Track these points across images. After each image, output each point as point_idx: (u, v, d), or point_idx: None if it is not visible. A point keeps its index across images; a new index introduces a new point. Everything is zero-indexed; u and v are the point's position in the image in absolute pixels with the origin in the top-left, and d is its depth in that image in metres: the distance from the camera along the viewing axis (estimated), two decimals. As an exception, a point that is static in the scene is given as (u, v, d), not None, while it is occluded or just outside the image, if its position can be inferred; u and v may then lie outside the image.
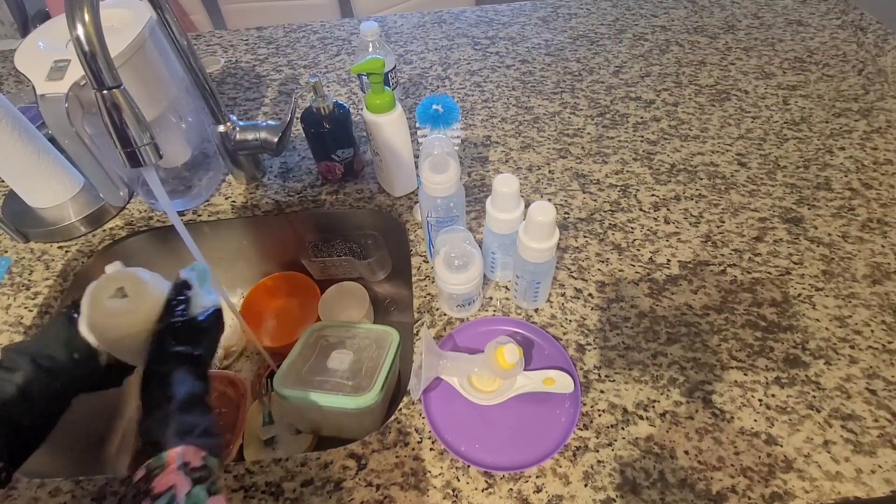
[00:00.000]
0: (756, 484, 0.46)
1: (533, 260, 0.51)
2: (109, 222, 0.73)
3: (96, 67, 0.41)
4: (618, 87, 0.88)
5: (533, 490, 0.46)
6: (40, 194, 0.70)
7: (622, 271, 0.62)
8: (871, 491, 0.45)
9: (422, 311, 0.60)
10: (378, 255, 0.79)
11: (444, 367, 0.52)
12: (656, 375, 0.53)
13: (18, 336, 0.61)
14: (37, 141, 0.66)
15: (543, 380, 0.51)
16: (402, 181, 0.71)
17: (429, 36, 1.04)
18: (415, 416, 0.51)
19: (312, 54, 1.00)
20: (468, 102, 0.87)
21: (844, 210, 0.67)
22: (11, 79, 0.99)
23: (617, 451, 0.48)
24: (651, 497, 0.45)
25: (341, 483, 0.48)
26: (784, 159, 0.74)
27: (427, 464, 0.48)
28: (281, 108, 0.89)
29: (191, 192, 0.74)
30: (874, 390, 0.51)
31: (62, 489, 0.49)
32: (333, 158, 0.71)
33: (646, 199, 0.70)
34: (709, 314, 0.58)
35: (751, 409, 0.50)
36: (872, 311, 0.57)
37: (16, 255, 0.69)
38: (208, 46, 1.05)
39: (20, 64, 0.60)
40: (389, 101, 0.61)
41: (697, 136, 0.79)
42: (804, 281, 0.60)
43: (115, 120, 0.43)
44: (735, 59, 0.93)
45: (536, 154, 0.77)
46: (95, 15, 0.39)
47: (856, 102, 0.83)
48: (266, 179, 0.76)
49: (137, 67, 0.60)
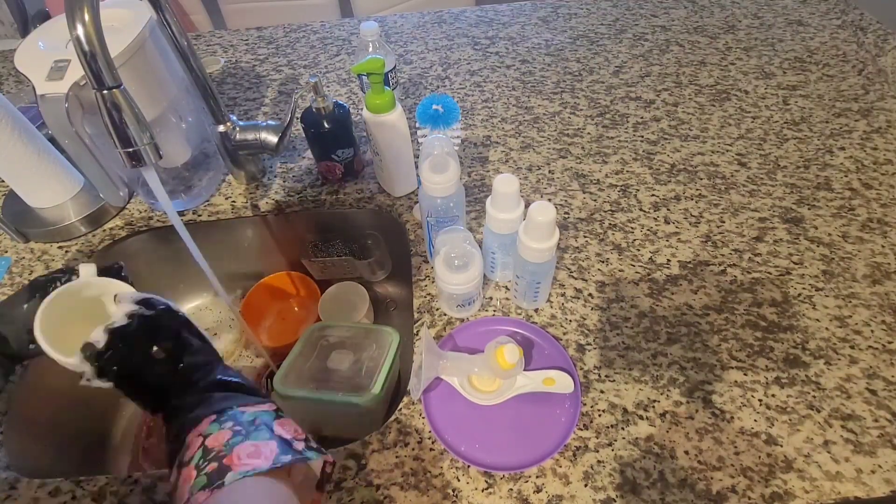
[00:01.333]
0: (756, 484, 0.46)
1: (533, 260, 0.51)
2: (109, 222, 0.73)
3: (96, 67, 0.41)
4: (618, 87, 0.88)
5: (533, 490, 0.46)
6: (40, 194, 0.70)
7: (622, 271, 0.62)
8: (871, 491, 0.45)
9: (422, 311, 0.60)
10: (378, 255, 0.79)
11: (444, 367, 0.52)
12: (656, 375, 0.53)
13: (18, 336, 0.61)
14: (37, 141, 0.66)
15: (543, 380, 0.51)
16: (402, 181, 0.71)
17: (429, 36, 1.04)
18: (415, 416, 0.51)
19: (312, 54, 1.00)
20: (468, 102, 0.87)
21: (844, 210, 0.67)
22: (11, 79, 0.99)
23: (617, 451, 0.48)
24: (651, 497, 0.46)
25: (341, 483, 0.48)
26: (784, 159, 0.74)
27: (427, 464, 0.48)
28: (281, 108, 0.89)
29: (191, 192, 0.74)
30: (874, 390, 0.51)
31: (62, 489, 0.49)
32: (333, 158, 0.71)
33: (646, 199, 0.70)
34: (709, 314, 0.58)
35: (751, 409, 0.50)
36: (872, 311, 0.57)
37: (16, 255, 0.69)
38: (208, 46, 1.05)
39: (20, 64, 0.60)
40: (389, 101, 0.61)
41: (697, 136, 0.79)
42: (804, 281, 0.60)
43: (115, 120, 0.43)
44: (735, 59, 0.93)
45: (536, 154, 0.77)
46: (95, 15, 0.39)
47: (856, 102, 0.83)
48: (266, 179, 0.76)
49: (137, 67, 0.60)
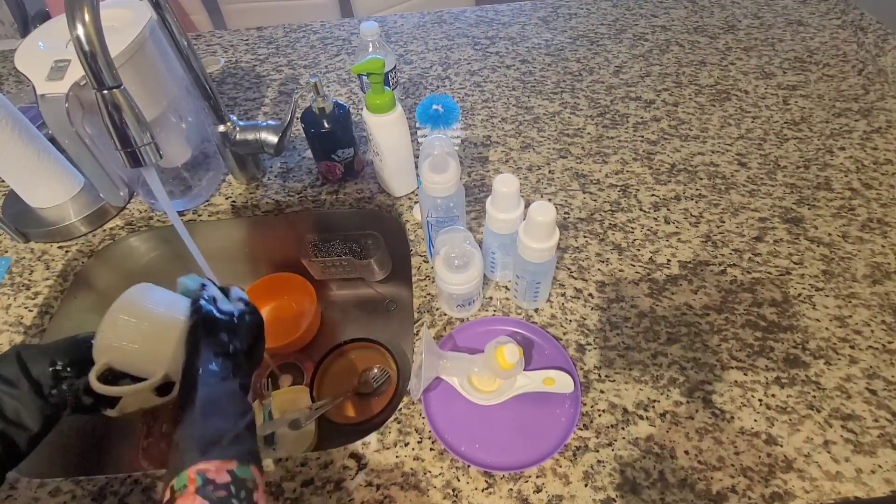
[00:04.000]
0: (756, 484, 0.46)
1: (533, 260, 0.51)
2: (109, 222, 0.73)
3: (96, 67, 0.41)
4: (618, 87, 0.88)
5: (533, 490, 0.46)
6: (40, 194, 0.70)
7: (622, 271, 0.62)
8: (871, 491, 0.45)
9: (422, 311, 0.60)
10: (378, 255, 0.79)
11: (444, 367, 0.52)
12: (656, 375, 0.53)
13: (18, 336, 0.61)
14: (37, 141, 0.66)
15: (543, 380, 0.51)
16: (402, 181, 0.71)
17: (429, 36, 1.04)
18: (415, 416, 0.51)
19: (312, 54, 1.00)
20: (468, 102, 0.87)
21: (844, 210, 0.67)
22: (11, 79, 0.99)
23: (617, 451, 0.48)
24: (651, 497, 0.45)
25: (341, 483, 0.48)
26: (784, 159, 0.74)
27: (427, 464, 0.48)
28: (281, 108, 0.89)
29: (191, 192, 0.74)
30: (874, 390, 0.51)
31: (62, 489, 0.49)
32: (333, 158, 0.71)
33: (646, 199, 0.70)
34: (709, 314, 0.58)
35: (751, 409, 0.50)
36: (872, 311, 0.57)
37: (16, 255, 0.69)
38: (208, 46, 1.05)
39: (20, 64, 0.60)
40: (389, 101, 0.61)
41: (697, 136, 0.79)
42: (804, 281, 0.60)
43: (115, 120, 0.43)
44: (735, 59, 0.93)
45: (536, 154, 0.77)
46: (95, 15, 0.39)
47: (856, 102, 0.83)
48: (266, 179, 0.76)
49: (137, 67, 0.60)
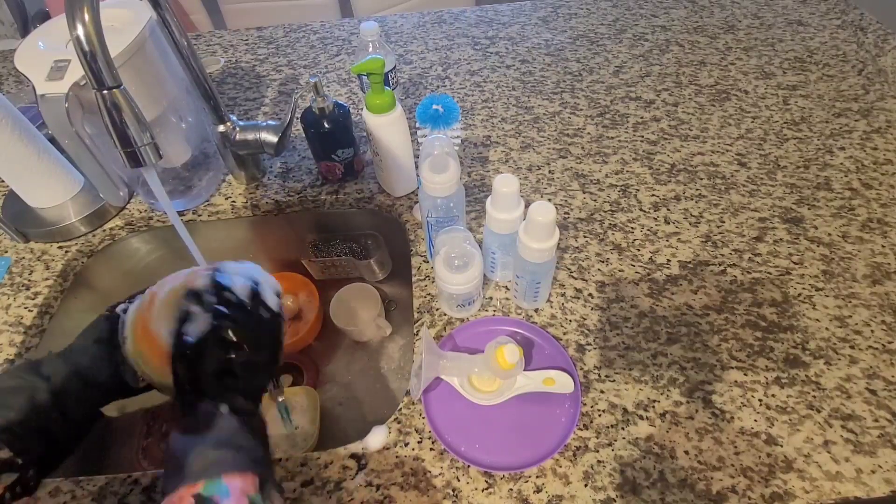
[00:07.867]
0: (756, 484, 0.46)
1: (533, 260, 0.51)
2: (109, 222, 0.72)
3: (96, 67, 0.40)
4: (618, 87, 0.88)
5: (533, 490, 0.46)
6: (40, 194, 0.70)
7: (622, 271, 0.62)
8: (871, 491, 0.45)
9: (422, 311, 0.60)
10: (378, 255, 0.79)
11: (444, 367, 0.52)
12: (656, 375, 0.53)
13: (18, 336, 0.61)
14: (37, 141, 0.66)
15: (543, 380, 0.51)
16: (402, 181, 0.71)
17: (429, 36, 1.04)
18: (415, 416, 0.51)
19: (312, 54, 1.00)
20: (468, 102, 0.87)
21: (844, 210, 0.67)
22: (11, 79, 0.99)
23: (617, 451, 0.48)
24: (651, 497, 0.46)
25: (341, 483, 0.48)
26: (784, 159, 0.74)
27: (427, 464, 0.48)
28: (281, 108, 0.89)
29: (191, 192, 0.74)
30: (874, 390, 0.51)
31: (62, 489, 0.49)
32: (333, 158, 0.71)
33: (646, 199, 0.70)
34: (709, 314, 0.58)
35: (751, 409, 0.50)
36: (872, 311, 0.57)
37: (16, 255, 0.69)
38: (208, 46, 1.05)
39: (20, 64, 0.60)
40: (389, 101, 0.61)
41: (697, 136, 0.79)
42: (804, 281, 0.60)
43: (115, 120, 0.43)
44: (735, 59, 0.93)
45: (536, 154, 0.77)
46: (95, 15, 0.39)
47: (856, 102, 0.83)
48: (266, 179, 0.76)
49: (137, 67, 0.60)
